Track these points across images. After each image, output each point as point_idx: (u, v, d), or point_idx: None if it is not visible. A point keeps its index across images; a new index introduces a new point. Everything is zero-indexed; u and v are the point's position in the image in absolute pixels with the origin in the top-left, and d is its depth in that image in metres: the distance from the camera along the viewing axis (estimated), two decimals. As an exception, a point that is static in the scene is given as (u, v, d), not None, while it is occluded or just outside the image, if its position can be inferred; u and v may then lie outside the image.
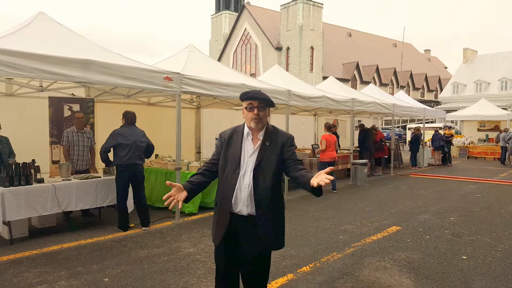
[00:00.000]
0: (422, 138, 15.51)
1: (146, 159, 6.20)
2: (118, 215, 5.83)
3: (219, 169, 2.65)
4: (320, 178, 2.22)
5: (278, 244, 2.63)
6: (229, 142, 2.64)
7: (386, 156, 13.56)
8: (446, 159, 16.22)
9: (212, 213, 2.79)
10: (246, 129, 2.62)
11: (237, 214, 2.55)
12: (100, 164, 7.49)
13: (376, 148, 12.65)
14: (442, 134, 16.38)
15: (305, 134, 13.33)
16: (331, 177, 2.19)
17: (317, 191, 2.31)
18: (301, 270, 4.32)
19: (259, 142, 2.58)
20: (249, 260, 2.59)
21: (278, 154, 2.56)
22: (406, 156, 16.77)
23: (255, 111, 2.54)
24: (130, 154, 5.69)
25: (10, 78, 6.05)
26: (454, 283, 4.01)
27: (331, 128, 9.76)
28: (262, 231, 2.52)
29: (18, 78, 5.51)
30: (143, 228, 5.86)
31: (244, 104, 2.60)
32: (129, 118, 5.95)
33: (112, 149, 5.74)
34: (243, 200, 2.52)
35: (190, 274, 4.17)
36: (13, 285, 3.86)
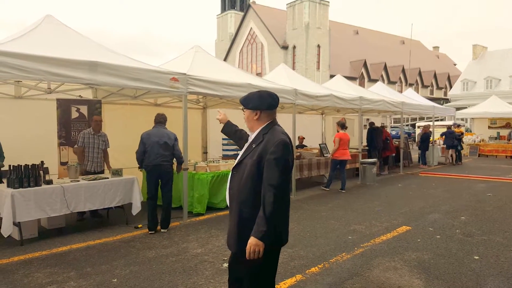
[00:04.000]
0: (432, 136, 15.37)
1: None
2: (148, 215, 5.81)
3: None
4: (249, 254, 2.30)
5: (236, 248, 2.49)
6: None
7: (394, 154, 13.44)
8: (456, 157, 16.02)
9: (219, 214, 2.80)
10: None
11: None
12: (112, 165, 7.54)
13: (382, 147, 12.54)
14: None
15: (312, 134, 13.26)
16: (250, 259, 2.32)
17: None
18: (310, 270, 4.29)
19: (248, 143, 2.58)
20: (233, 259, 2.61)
21: (256, 160, 2.40)
22: (415, 154, 16.62)
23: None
24: (154, 155, 5.73)
25: (18, 81, 6.09)
26: (466, 283, 3.95)
27: (344, 126, 9.69)
28: (232, 233, 2.52)
29: (26, 80, 5.56)
30: (162, 230, 5.85)
31: None
32: (156, 119, 6.01)
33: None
34: (229, 196, 2.59)
35: (198, 274, 4.17)
36: (24, 285, 3.89)
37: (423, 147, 14.82)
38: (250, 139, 2.57)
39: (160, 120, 5.99)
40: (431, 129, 15.40)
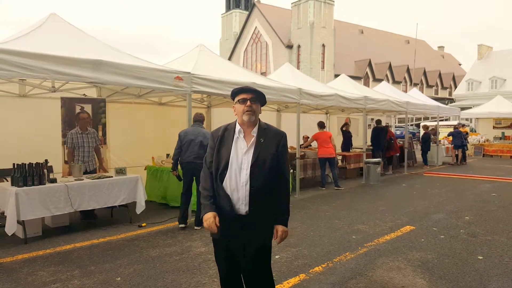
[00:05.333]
0: (437, 136, 15.33)
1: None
2: (180, 208, 6.04)
3: (213, 169, 2.60)
4: (281, 240, 2.58)
5: (270, 240, 2.62)
6: (221, 141, 2.60)
7: (398, 154, 13.39)
8: (461, 157, 15.93)
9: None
10: (237, 127, 2.59)
11: (235, 214, 2.52)
12: (111, 164, 7.58)
13: (386, 147, 12.50)
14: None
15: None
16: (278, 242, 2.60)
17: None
18: (314, 270, 4.28)
19: (253, 138, 2.55)
20: (248, 258, 2.55)
21: (273, 153, 2.54)
22: (419, 154, 16.52)
23: (248, 103, 2.52)
24: (188, 153, 5.83)
25: (23, 79, 6.12)
26: (470, 283, 3.92)
27: (323, 125, 9.95)
28: (259, 228, 2.53)
29: (30, 79, 5.58)
30: (195, 227, 5.94)
31: (236, 98, 2.58)
32: (194, 118, 6.18)
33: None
34: (241, 199, 2.50)
35: (202, 273, 4.17)
36: (28, 283, 3.90)
37: (425, 148, 14.78)
38: (254, 134, 2.55)
39: (198, 119, 6.16)
40: (439, 129, 15.30)
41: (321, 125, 9.88)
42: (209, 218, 2.47)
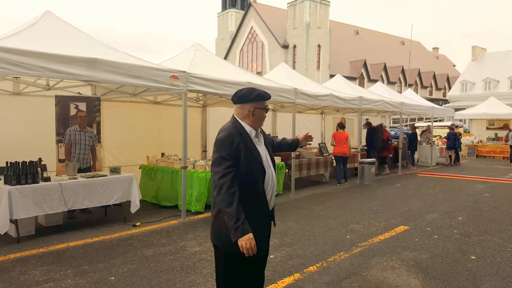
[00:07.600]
0: (431, 136, 15.45)
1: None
2: None
3: (244, 176, 2.37)
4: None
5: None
6: (246, 150, 2.39)
7: (391, 155, 13.45)
8: (454, 158, 16.05)
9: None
10: (252, 131, 2.49)
11: (269, 212, 2.59)
12: (105, 163, 7.55)
13: (381, 147, 12.55)
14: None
15: (311, 133, 13.06)
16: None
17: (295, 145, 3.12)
18: (308, 269, 4.29)
19: (261, 138, 2.60)
20: (262, 254, 2.59)
21: (269, 144, 2.70)
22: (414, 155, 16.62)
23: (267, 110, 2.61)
24: None
25: (17, 77, 6.08)
26: (463, 283, 3.95)
27: (341, 126, 10.50)
28: (267, 232, 2.65)
29: (25, 76, 5.55)
30: None
31: (260, 105, 2.48)
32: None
33: None
34: (272, 196, 2.58)
35: (196, 273, 4.16)
36: (20, 283, 3.87)
37: (411, 148, 14.86)
38: (260, 136, 2.59)
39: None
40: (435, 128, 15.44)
41: (340, 125, 10.49)
42: (251, 240, 2.27)
